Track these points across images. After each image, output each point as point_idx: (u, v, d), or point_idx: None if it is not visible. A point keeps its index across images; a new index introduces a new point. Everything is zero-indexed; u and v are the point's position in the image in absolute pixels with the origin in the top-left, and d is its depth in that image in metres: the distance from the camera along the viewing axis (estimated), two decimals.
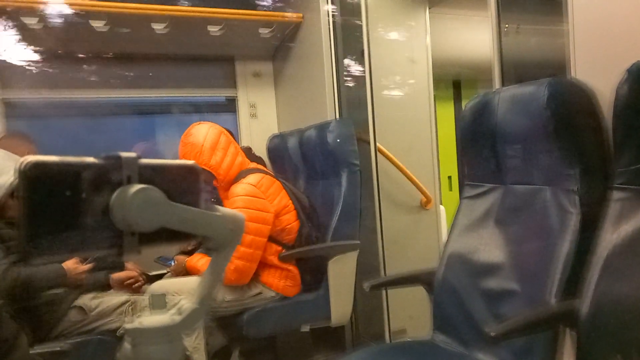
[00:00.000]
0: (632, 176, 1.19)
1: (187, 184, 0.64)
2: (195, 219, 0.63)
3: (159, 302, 0.65)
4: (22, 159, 0.53)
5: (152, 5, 2.68)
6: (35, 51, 2.83)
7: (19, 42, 2.79)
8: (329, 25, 2.78)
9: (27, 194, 0.52)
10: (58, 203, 0.54)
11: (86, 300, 2.11)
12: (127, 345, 0.62)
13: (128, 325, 0.62)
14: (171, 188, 0.60)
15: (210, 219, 0.64)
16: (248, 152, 3.00)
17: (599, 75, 1.37)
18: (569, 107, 1.36)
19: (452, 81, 5.25)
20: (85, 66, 3.08)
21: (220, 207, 0.66)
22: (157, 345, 0.61)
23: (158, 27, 2.79)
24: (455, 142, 4.26)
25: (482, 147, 1.64)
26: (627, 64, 1.16)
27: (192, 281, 2.20)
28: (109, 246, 0.57)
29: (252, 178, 2.26)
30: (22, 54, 2.86)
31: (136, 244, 0.58)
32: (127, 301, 2.15)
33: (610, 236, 1.20)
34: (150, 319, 0.63)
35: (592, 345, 1.19)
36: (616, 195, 1.22)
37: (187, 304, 0.65)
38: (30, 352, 1.80)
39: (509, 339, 1.28)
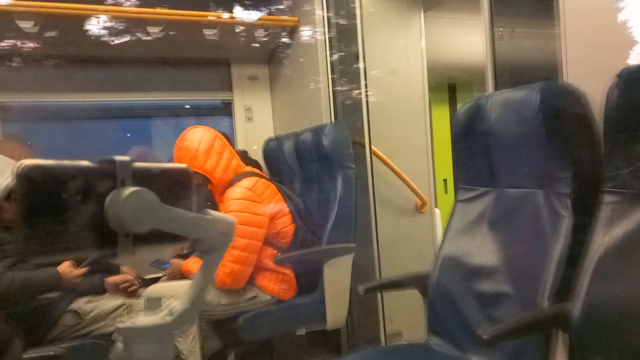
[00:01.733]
0: (623, 180, 1.20)
1: (179, 187, 0.65)
2: (187, 221, 0.64)
3: (155, 305, 0.66)
4: (19, 163, 0.54)
5: (148, 9, 2.69)
6: (31, 54, 2.83)
7: (14, 45, 2.79)
8: (324, 29, 2.80)
9: (24, 196, 0.54)
10: (54, 205, 0.55)
11: (81, 304, 2.11)
12: (119, 345, 0.63)
13: (120, 325, 0.63)
14: (164, 191, 0.61)
15: (201, 222, 0.66)
16: (244, 155, 3.00)
17: (590, 80, 1.38)
18: (561, 111, 1.37)
19: (447, 84, 5.28)
20: (80, 69, 3.08)
21: (211, 211, 0.67)
22: (148, 345, 0.62)
23: (154, 30, 2.80)
24: (450, 145, 4.28)
25: (475, 151, 1.66)
26: (618, 68, 1.18)
27: (187, 285, 2.20)
28: (104, 247, 0.58)
29: (247, 182, 2.27)
30: (17, 58, 2.86)
31: (130, 245, 0.59)
32: (122, 305, 2.16)
33: (602, 239, 1.21)
34: (142, 319, 0.64)
35: (584, 347, 1.20)
36: (607, 198, 1.23)
37: (178, 305, 0.66)
38: (24, 356, 1.80)
39: (502, 341, 1.29)
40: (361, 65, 2.63)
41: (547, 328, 1.29)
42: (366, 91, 2.65)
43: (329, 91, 2.81)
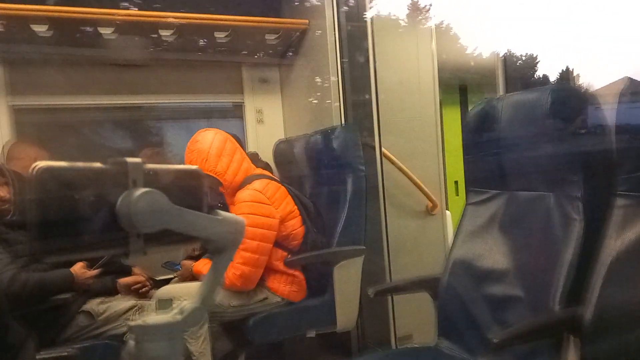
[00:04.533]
0: (635, 183, 1.19)
1: (190, 188, 0.66)
2: (197, 222, 0.65)
3: (166, 306, 0.67)
4: (33, 165, 0.55)
5: (160, 12, 2.71)
6: (45, 58, 2.87)
7: (28, 49, 2.82)
8: (334, 31, 2.80)
9: (38, 197, 0.55)
10: (67, 206, 0.56)
11: (93, 305, 2.12)
12: (131, 343, 0.64)
13: (132, 323, 0.64)
14: (175, 192, 0.62)
15: (211, 223, 0.66)
16: (254, 157, 3.01)
17: (601, 82, 1.37)
18: (572, 113, 1.36)
19: (458, 86, 5.26)
20: (93, 72, 3.11)
21: (221, 212, 0.68)
22: (159, 343, 0.63)
23: (165, 33, 2.82)
24: (461, 147, 4.26)
25: (486, 153, 1.65)
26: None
27: (198, 286, 2.21)
28: (116, 247, 0.59)
29: (257, 184, 2.27)
30: (31, 61, 2.90)
31: (142, 245, 0.60)
32: (134, 306, 2.17)
33: (614, 243, 1.20)
34: (154, 317, 0.65)
35: (595, 352, 1.19)
36: (619, 202, 1.22)
37: (188, 304, 0.67)
38: (37, 357, 1.81)
39: (512, 345, 1.28)
40: (371, 67, 2.63)
41: (558, 332, 1.28)
42: (376, 92, 2.64)
43: (339, 93, 2.81)
